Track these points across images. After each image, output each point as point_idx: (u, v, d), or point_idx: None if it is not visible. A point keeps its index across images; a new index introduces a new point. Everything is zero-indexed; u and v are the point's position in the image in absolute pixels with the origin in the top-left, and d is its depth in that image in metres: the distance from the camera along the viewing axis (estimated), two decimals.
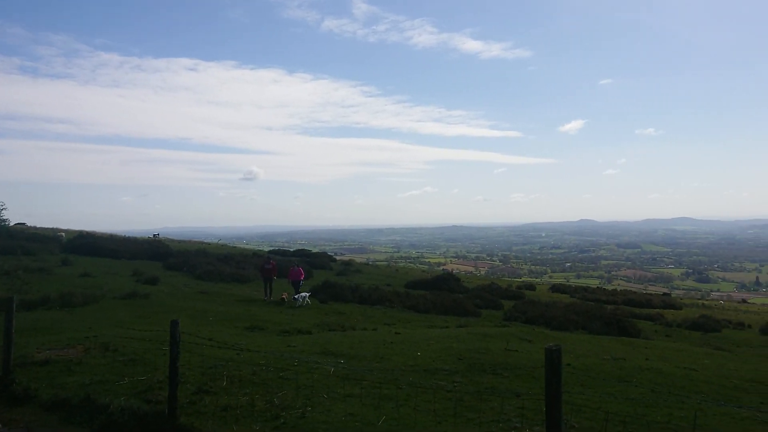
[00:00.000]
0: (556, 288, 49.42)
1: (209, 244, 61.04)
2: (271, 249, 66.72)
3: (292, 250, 64.94)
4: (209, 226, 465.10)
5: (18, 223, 51.95)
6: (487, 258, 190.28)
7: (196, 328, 14.15)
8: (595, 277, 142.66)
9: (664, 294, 58.75)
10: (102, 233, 50.04)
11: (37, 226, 52.24)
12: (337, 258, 58.56)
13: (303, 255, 51.00)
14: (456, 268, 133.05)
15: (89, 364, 9.39)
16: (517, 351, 12.80)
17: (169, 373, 6.80)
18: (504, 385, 9.27)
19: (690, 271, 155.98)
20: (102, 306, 17.71)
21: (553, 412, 4.52)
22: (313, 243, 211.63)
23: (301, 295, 22.73)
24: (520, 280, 69.59)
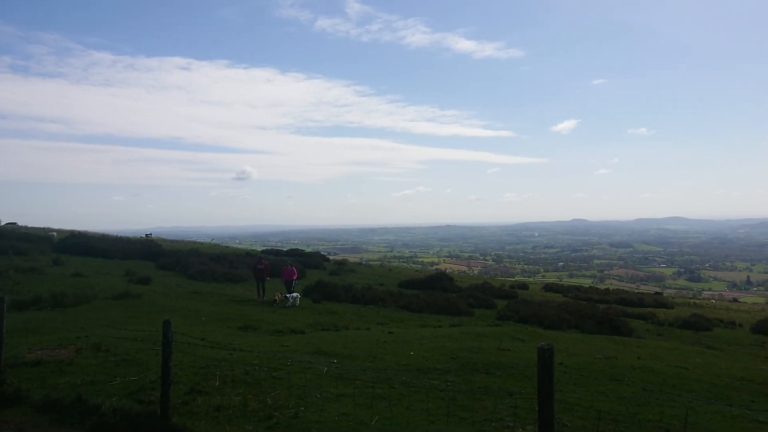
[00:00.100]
0: (548, 287, 49.55)
1: (202, 243, 60.80)
2: (264, 249, 66.59)
3: (285, 249, 64.78)
4: (202, 226, 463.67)
5: (9, 223, 51.67)
6: (480, 257, 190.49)
7: (189, 328, 14.11)
8: (588, 276, 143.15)
9: (656, 293, 59.01)
10: (94, 233, 49.78)
11: (29, 225, 51.93)
12: (331, 257, 58.51)
13: (296, 255, 50.93)
14: (449, 267, 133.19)
15: (81, 364, 9.34)
16: (509, 350, 12.83)
17: (161, 374, 6.77)
18: (497, 384, 9.30)
19: (682, 270, 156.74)
20: (94, 306, 17.62)
21: (545, 411, 4.54)
22: (306, 243, 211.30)
23: (291, 295, 22.69)
24: (513, 280, 69.77)
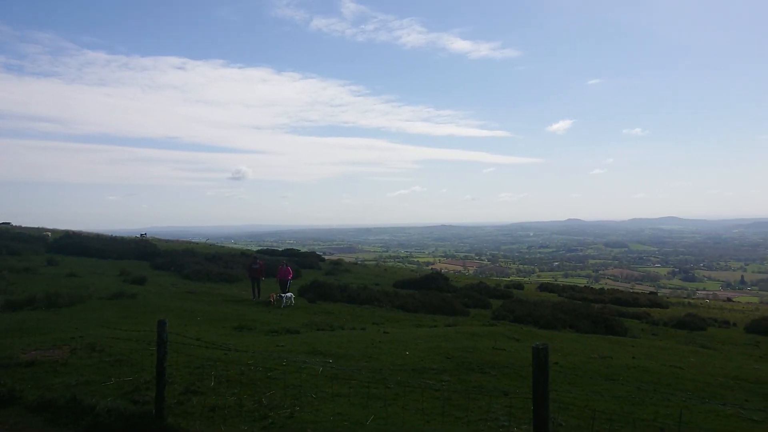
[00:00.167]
0: (544, 287, 49.57)
1: (197, 243, 60.71)
2: (260, 248, 66.47)
3: (280, 249, 64.73)
4: (197, 226, 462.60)
5: (3, 223, 51.55)
6: (476, 257, 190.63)
7: (184, 328, 14.09)
8: (583, 276, 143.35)
9: (651, 293, 59.13)
10: (89, 233, 49.65)
11: (23, 225, 51.82)
12: (326, 257, 58.47)
13: (291, 254, 50.88)
14: (444, 267, 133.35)
15: (75, 364, 9.32)
16: (505, 350, 12.85)
17: (156, 374, 6.76)
18: (492, 383, 9.31)
19: (676, 270, 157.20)
20: (88, 306, 17.57)
21: (540, 410, 4.54)
22: (301, 242, 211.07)
23: (285, 295, 22.66)
24: (508, 279, 69.83)
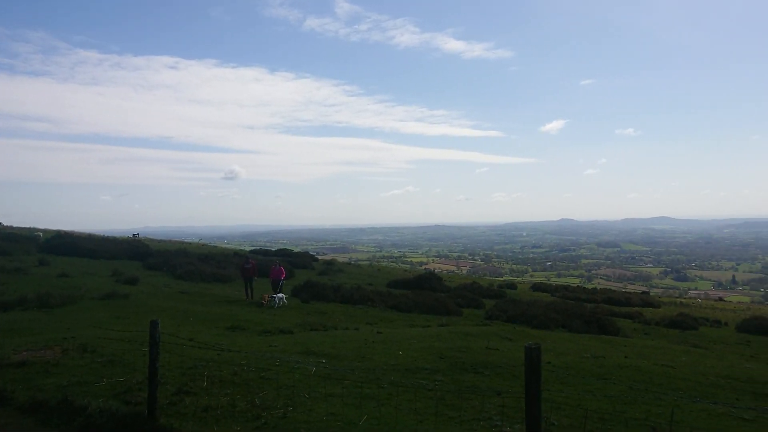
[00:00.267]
0: (537, 287, 49.71)
1: (190, 243, 60.53)
2: (253, 248, 66.36)
3: (273, 249, 64.62)
4: (190, 226, 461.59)
5: None
6: (469, 257, 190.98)
7: (177, 329, 14.04)
8: (576, 276, 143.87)
9: (643, 292, 59.38)
10: (80, 233, 49.36)
11: (14, 225, 51.46)
12: (319, 257, 58.42)
13: (285, 254, 50.81)
14: (438, 267, 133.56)
15: (67, 365, 9.27)
16: (497, 350, 12.88)
17: (148, 374, 6.74)
18: (485, 383, 9.33)
19: (668, 269, 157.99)
20: (80, 307, 17.48)
21: (532, 409, 4.55)
22: (295, 242, 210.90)
23: (277, 296, 22.62)
24: (501, 279, 69.97)
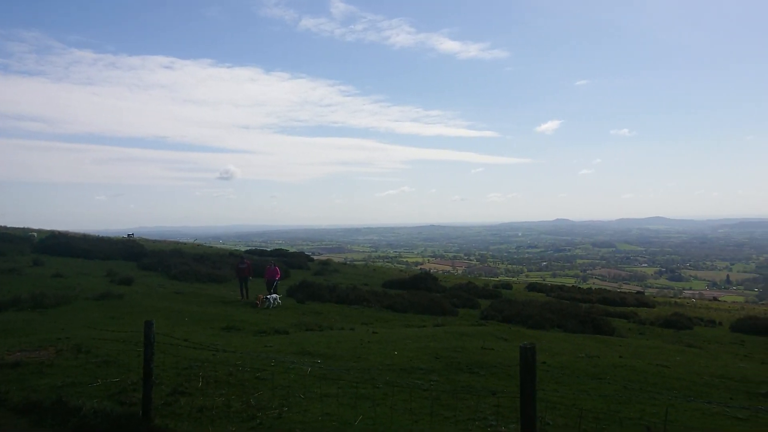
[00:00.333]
0: (532, 287, 49.77)
1: (185, 243, 60.34)
2: (248, 249, 66.25)
3: (269, 249, 64.50)
4: (185, 226, 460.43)
5: None
6: (465, 257, 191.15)
7: (171, 329, 14.01)
8: (571, 276, 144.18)
9: (638, 292, 59.59)
10: (75, 233, 49.15)
11: (8, 225, 51.19)
12: (315, 258, 58.37)
13: (280, 255, 50.74)
14: (433, 267, 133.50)
15: (61, 366, 9.23)
16: (493, 349, 12.90)
17: (143, 375, 6.72)
18: (480, 383, 9.34)
19: (663, 269, 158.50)
20: (75, 307, 17.42)
21: (527, 409, 4.56)
22: (290, 243, 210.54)
23: (271, 296, 22.58)
24: (496, 279, 70.08)
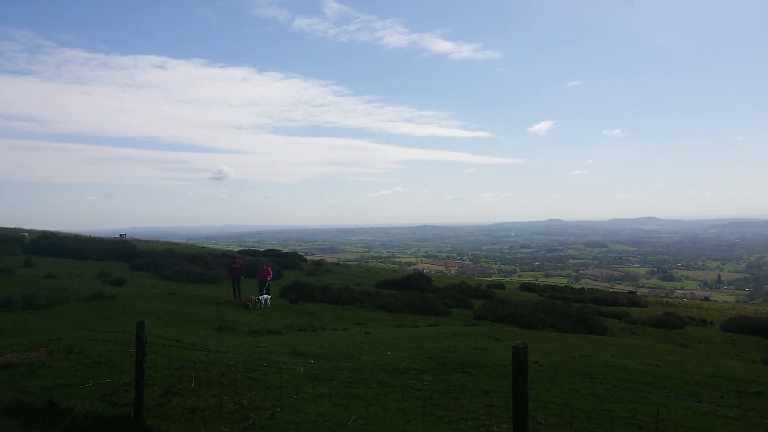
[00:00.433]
0: (525, 287, 49.86)
1: (177, 244, 60.13)
2: (241, 249, 66.07)
3: (262, 250, 64.41)
4: (178, 226, 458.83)
5: None
6: (458, 257, 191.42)
7: (164, 330, 13.97)
8: (563, 276, 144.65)
9: (630, 292, 59.77)
10: (66, 233, 48.87)
11: None
12: (308, 258, 58.30)
13: (273, 255, 50.64)
14: (426, 267, 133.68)
15: (53, 367, 9.19)
16: (486, 349, 12.92)
17: (135, 376, 6.71)
18: (473, 383, 9.36)
19: (655, 269, 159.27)
20: (66, 308, 17.34)
21: (519, 409, 4.58)
22: (283, 243, 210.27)
23: (263, 297, 22.54)
24: (489, 279, 70.16)
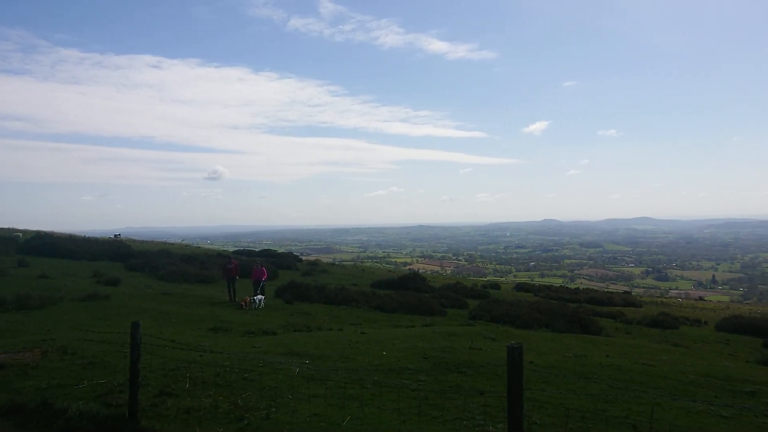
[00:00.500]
0: (520, 287, 49.93)
1: (172, 244, 59.96)
2: (236, 249, 65.98)
3: (257, 250, 64.27)
4: (173, 227, 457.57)
5: None
6: (453, 257, 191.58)
7: (159, 330, 13.93)
8: (559, 276, 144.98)
9: (625, 292, 59.94)
10: (61, 233, 48.67)
11: None
12: (303, 258, 58.23)
13: (268, 255, 50.56)
14: (422, 267, 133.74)
15: (47, 367, 9.15)
16: (481, 349, 12.93)
17: (129, 376, 6.68)
18: (468, 383, 9.36)
19: (650, 269, 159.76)
20: (60, 308, 17.29)
21: (514, 409, 4.58)
22: (278, 243, 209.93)
23: (257, 297, 22.52)
24: (485, 279, 70.28)
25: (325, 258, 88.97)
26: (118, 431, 6.31)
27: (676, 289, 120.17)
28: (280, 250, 68.81)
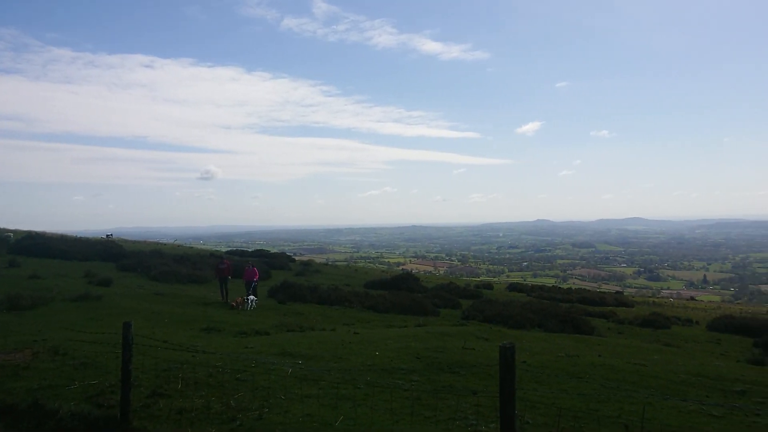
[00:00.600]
0: (513, 287, 50.04)
1: (165, 244, 59.73)
2: (229, 249, 65.79)
3: (250, 250, 64.14)
4: (165, 227, 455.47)
5: None
6: (446, 258, 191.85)
7: (151, 330, 13.87)
8: (551, 276, 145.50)
9: (617, 292, 60.24)
10: (52, 233, 48.35)
11: None
12: (296, 258, 58.16)
13: (261, 255, 50.45)
14: (415, 267, 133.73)
15: (38, 368, 9.10)
16: (474, 349, 12.97)
17: (121, 377, 6.65)
18: (461, 383, 9.39)
19: (642, 269, 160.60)
20: (52, 308, 17.18)
21: (506, 408, 4.59)
22: (271, 243, 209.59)
23: (249, 298, 22.47)
24: (478, 280, 70.40)
25: (318, 258, 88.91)
26: None
27: (668, 289, 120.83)
28: (273, 251, 68.65)
